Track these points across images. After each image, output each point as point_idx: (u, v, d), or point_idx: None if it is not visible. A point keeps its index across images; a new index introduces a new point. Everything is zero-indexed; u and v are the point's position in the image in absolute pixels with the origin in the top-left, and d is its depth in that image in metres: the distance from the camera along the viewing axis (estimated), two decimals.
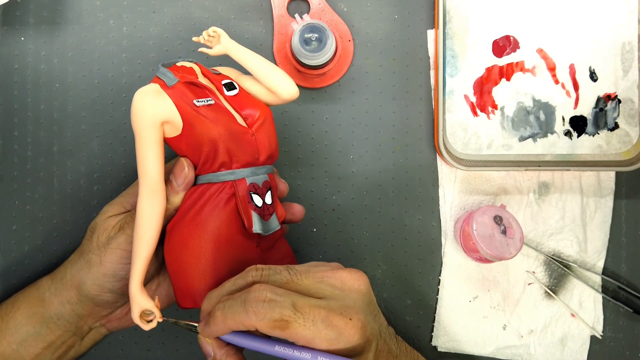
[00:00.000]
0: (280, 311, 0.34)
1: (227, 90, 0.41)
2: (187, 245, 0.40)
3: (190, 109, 0.38)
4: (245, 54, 0.41)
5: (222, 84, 0.41)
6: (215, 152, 0.39)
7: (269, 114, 0.42)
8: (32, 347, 0.45)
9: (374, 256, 0.53)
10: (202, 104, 0.39)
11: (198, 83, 0.39)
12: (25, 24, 0.53)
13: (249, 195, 0.40)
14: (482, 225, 0.48)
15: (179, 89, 0.39)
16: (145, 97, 0.38)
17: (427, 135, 0.53)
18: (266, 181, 0.41)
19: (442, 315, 0.52)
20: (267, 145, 0.41)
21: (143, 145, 0.38)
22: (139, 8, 0.53)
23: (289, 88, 0.42)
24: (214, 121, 0.39)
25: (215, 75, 0.42)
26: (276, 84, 0.41)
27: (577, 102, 0.52)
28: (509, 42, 0.52)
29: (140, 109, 0.38)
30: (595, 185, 0.53)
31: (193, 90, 0.39)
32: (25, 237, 0.52)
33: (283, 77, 0.41)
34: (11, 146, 0.52)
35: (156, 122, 0.38)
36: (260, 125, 0.41)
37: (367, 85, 0.53)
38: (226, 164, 0.40)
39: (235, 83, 0.42)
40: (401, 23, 0.54)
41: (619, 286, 0.53)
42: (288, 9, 0.53)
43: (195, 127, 0.38)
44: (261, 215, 0.41)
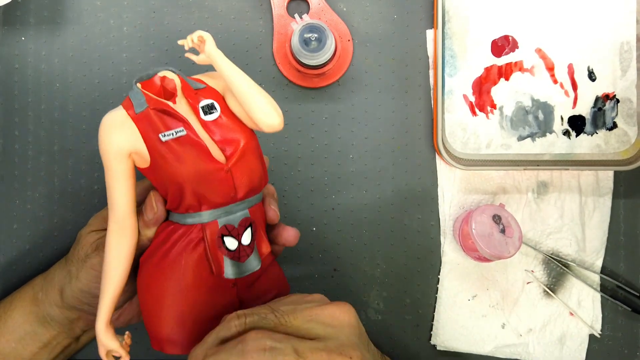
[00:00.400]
0: (283, 359, 0.32)
1: (204, 114, 0.36)
2: (151, 288, 0.37)
3: (156, 143, 0.35)
4: (229, 69, 0.36)
5: (200, 107, 0.36)
6: (181, 194, 0.35)
7: (252, 142, 0.37)
8: (29, 345, 0.45)
9: (373, 255, 0.53)
10: (170, 138, 0.35)
11: (169, 110, 0.35)
12: (25, 24, 0.53)
13: (221, 239, 0.36)
14: (481, 224, 0.48)
15: (147, 117, 0.35)
16: (110, 127, 0.35)
17: (426, 134, 0.53)
18: (245, 219, 0.37)
19: (441, 314, 0.53)
20: (245, 181, 0.36)
21: (110, 177, 0.36)
22: (139, 8, 0.53)
23: (271, 120, 0.36)
24: (180, 160, 0.34)
25: (195, 93, 0.36)
26: (256, 111, 0.35)
27: (575, 102, 0.52)
28: (507, 42, 0.52)
29: (105, 139, 0.35)
30: (593, 185, 0.53)
31: (162, 120, 0.35)
32: (26, 236, 0.52)
33: (265, 105, 0.36)
34: (12, 145, 0.52)
35: (121, 153, 0.35)
36: (240, 157, 0.36)
37: (367, 84, 0.54)
38: (193, 207, 0.36)
39: (217, 104, 0.37)
40: (400, 23, 0.54)
41: (618, 285, 0.53)
42: (288, 9, 0.53)
43: (160, 164, 0.35)
44: (235, 258, 0.37)
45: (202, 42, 0.35)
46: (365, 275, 0.53)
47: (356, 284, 0.53)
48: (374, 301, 0.53)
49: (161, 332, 0.37)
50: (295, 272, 0.53)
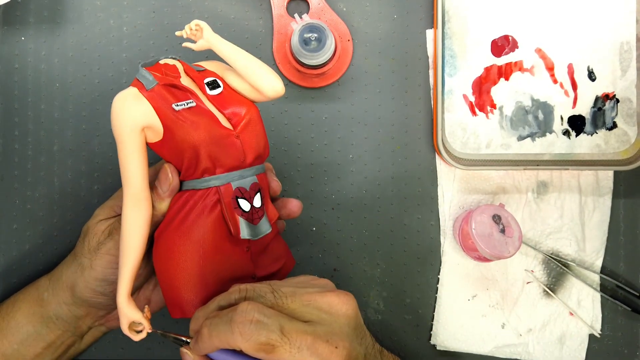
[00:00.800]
0: (267, 334, 0.33)
1: (209, 89, 0.39)
2: (172, 255, 0.38)
3: (170, 114, 0.37)
4: (228, 49, 0.39)
5: (205, 82, 0.39)
6: (197, 158, 0.37)
7: (255, 112, 0.40)
8: (32, 346, 0.45)
9: (373, 255, 0.53)
10: (182, 107, 0.37)
11: (178, 84, 0.38)
12: (25, 24, 0.53)
13: (235, 201, 0.38)
14: (480, 224, 0.48)
15: (158, 92, 0.37)
16: (124, 103, 0.36)
17: (426, 134, 0.53)
18: (255, 183, 0.39)
19: (441, 314, 0.53)
20: (253, 146, 0.39)
21: (124, 153, 0.37)
22: (139, 8, 0.53)
23: (274, 85, 0.39)
24: (194, 126, 0.37)
25: (198, 73, 0.40)
26: (260, 80, 0.39)
27: (575, 102, 0.52)
28: (507, 41, 0.52)
29: (119, 115, 0.36)
30: (593, 185, 0.53)
31: (172, 93, 0.37)
32: (25, 236, 0.52)
33: (267, 74, 0.39)
34: (12, 145, 0.52)
35: (136, 128, 0.36)
36: (246, 125, 0.39)
37: (367, 84, 0.54)
38: (209, 170, 0.38)
39: (219, 80, 0.40)
40: (400, 23, 0.54)
41: (618, 285, 0.53)
42: (287, 8, 0.53)
43: (175, 132, 0.37)
44: (249, 219, 0.39)
45: (199, 30, 0.38)
46: (365, 275, 0.53)
47: (356, 284, 0.53)
48: (373, 301, 0.53)
49: (183, 295, 0.38)
50: (295, 272, 0.53)
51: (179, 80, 0.38)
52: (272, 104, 0.53)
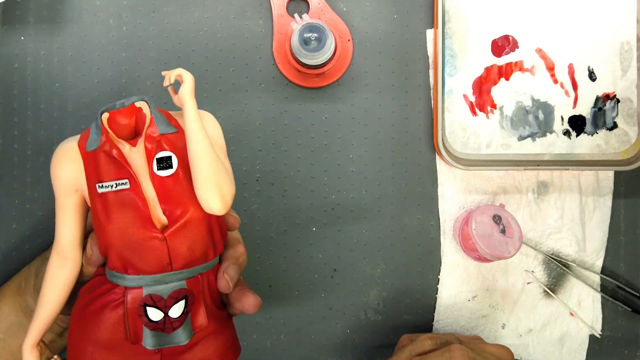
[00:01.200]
0: None
1: (157, 168, 0.32)
2: (72, 334, 0.35)
3: (94, 191, 0.32)
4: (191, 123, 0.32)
5: (156, 157, 0.32)
6: (106, 252, 0.33)
7: (199, 212, 0.33)
8: (17, 336, 0.45)
9: (373, 255, 0.53)
10: (108, 190, 0.32)
11: (117, 159, 0.32)
12: (25, 23, 0.53)
13: (142, 308, 0.32)
14: (481, 224, 0.48)
15: (96, 158, 0.32)
16: (60, 159, 0.33)
17: (426, 134, 0.53)
18: (178, 290, 0.33)
19: (441, 314, 0.52)
20: (184, 252, 0.32)
21: (57, 207, 0.34)
22: (139, 7, 0.53)
23: (208, 203, 0.31)
24: (109, 218, 0.31)
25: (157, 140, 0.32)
26: (198, 185, 0.32)
27: (575, 102, 0.52)
28: (508, 41, 0.52)
29: (53, 168, 0.33)
30: (594, 185, 0.53)
31: (109, 165, 0.32)
32: (25, 236, 0.52)
33: (209, 186, 0.31)
34: (11, 145, 0.52)
35: (67, 187, 0.33)
36: (180, 228, 0.32)
37: (367, 84, 0.54)
38: (118, 269, 0.33)
39: (175, 159, 0.32)
40: (400, 23, 0.54)
41: (618, 285, 0.53)
42: (287, 8, 0.53)
43: (93, 213, 0.33)
44: (158, 329, 0.33)
45: (181, 81, 0.32)
46: (365, 275, 0.53)
47: (356, 284, 0.53)
48: (374, 301, 0.53)
49: None
50: (295, 272, 0.53)
51: (120, 153, 0.32)
52: (272, 104, 0.53)
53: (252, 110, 0.53)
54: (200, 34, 0.53)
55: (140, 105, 0.33)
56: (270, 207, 0.53)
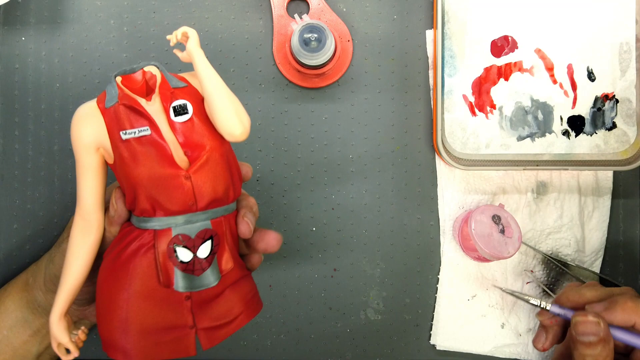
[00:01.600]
0: None
1: (175, 114, 0.34)
2: (102, 289, 0.35)
3: (118, 140, 0.33)
4: (202, 69, 0.34)
5: (172, 106, 0.34)
6: (135, 196, 0.34)
7: (219, 149, 0.34)
8: (20, 333, 0.45)
9: (373, 255, 0.53)
10: (131, 136, 0.33)
11: (137, 108, 0.33)
12: (26, 24, 0.53)
13: (172, 250, 0.34)
14: (480, 224, 0.48)
15: (115, 112, 0.33)
16: (80, 118, 0.34)
17: (425, 134, 0.54)
18: (205, 230, 0.34)
19: (440, 314, 0.53)
20: (207, 190, 0.34)
21: (78, 169, 0.35)
22: (139, 8, 0.53)
23: (229, 127, 0.33)
24: (135, 161, 0.33)
25: (170, 92, 0.34)
26: (218, 116, 0.33)
27: (575, 102, 0.53)
28: (507, 42, 0.53)
29: (74, 130, 0.34)
30: (593, 185, 0.53)
31: (129, 117, 0.33)
32: (26, 236, 0.52)
33: (227, 111, 0.33)
34: (12, 145, 0.52)
35: (90, 146, 0.34)
36: (202, 165, 0.34)
37: (366, 85, 0.54)
38: (147, 211, 0.34)
39: (190, 105, 0.34)
40: (400, 23, 0.54)
41: (617, 285, 0.53)
42: (287, 9, 0.53)
43: (119, 162, 0.33)
44: (188, 271, 0.34)
45: (186, 37, 0.34)
46: (365, 275, 0.53)
47: (356, 284, 0.53)
48: (373, 301, 0.53)
49: (107, 335, 0.35)
50: (296, 272, 0.53)
51: (138, 103, 0.34)
52: (272, 104, 0.53)
53: (252, 110, 0.53)
54: (200, 35, 0.53)
55: (149, 69, 0.35)
56: (270, 207, 0.53)
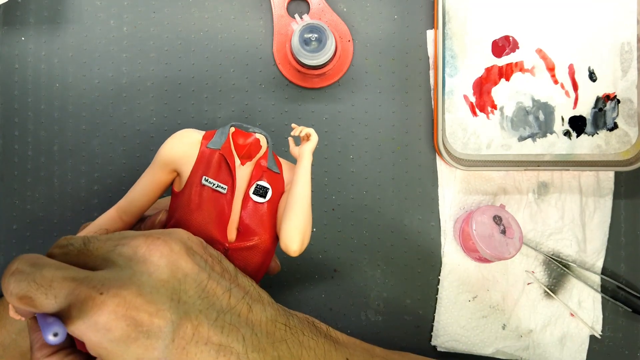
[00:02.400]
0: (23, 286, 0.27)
1: (254, 192, 0.35)
2: None
3: (196, 179, 0.34)
4: (302, 175, 0.35)
5: (256, 183, 0.35)
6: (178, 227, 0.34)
7: (266, 244, 0.35)
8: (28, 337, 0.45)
9: (373, 256, 0.53)
10: (209, 185, 0.34)
11: (231, 165, 0.35)
12: (25, 24, 0.53)
13: None
14: (481, 225, 0.48)
15: (211, 156, 0.35)
16: (180, 139, 0.35)
17: (426, 135, 0.53)
18: None
19: (441, 315, 0.52)
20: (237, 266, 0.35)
21: (145, 175, 0.36)
22: (139, 8, 0.53)
23: (289, 243, 0.35)
24: (198, 208, 0.34)
25: (262, 170, 0.36)
26: (284, 227, 0.35)
27: (576, 102, 0.52)
28: (508, 42, 0.52)
29: (170, 143, 0.35)
30: (594, 185, 0.53)
31: (219, 166, 0.35)
32: (25, 236, 0.52)
33: (294, 227, 0.34)
34: (11, 146, 0.52)
35: (169, 163, 0.35)
36: (244, 248, 0.35)
37: (367, 85, 0.54)
38: None
39: (271, 192, 0.36)
40: (401, 23, 0.54)
41: (618, 286, 0.53)
42: (288, 9, 0.53)
43: (185, 199, 0.34)
44: None
45: (307, 139, 0.36)
46: (366, 276, 0.53)
47: (356, 285, 0.53)
48: (374, 302, 0.53)
49: None
50: (296, 272, 0.53)
51: (234, 162, 0.35)
52: (273, 104, 0.53)
53: (253, 110, 0.53)
54: (200, 35, 0.53)
55: (260, 137, 0.36)
56: None
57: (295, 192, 0.35)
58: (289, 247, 0.35)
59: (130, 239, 0.30)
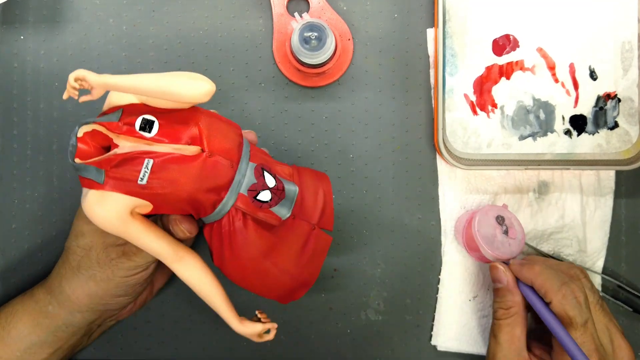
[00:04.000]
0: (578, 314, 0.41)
1: (148, 132, 0.35)
2: (247, 278, 0.39)
3: (141, 190, 0.34)
4: (126, 81, 0.34)
5: (138, 129, 0.35)
6: (198, 202, 0.36)
7: (199, 117, 0.36)
8: (37, 353, 0.44)
9: (373, 255, 0.53)
10: (146, 175, 0.34)
11: (123, 157, 0.34)
12: (24, 23, 0.53)
13: (257, 202, 0.37)
14: (484, 225, 0.48)
15: (115, 178, 0.34)
16: (94, 213, 0.34)
17: (426, 134, 0.53)
18: (254, 169, 0.38)
19: (441, 314, 0.52)
20: (226, 146, 0.37)
21: (135, 241, 0.36)
22: (139, 7, 0.53)
23: (200, 90, 0.34)
24: (171, 183, 0.35)
25: (122, 124, 0.35)
26: (184, 95, 0.34)
27: (577, 101, 0.52)
28: (508, 41, 0.52)
29: (102, 223, 0.35)
30: (595, 184, 0.53)
31: (125, 167, 0.34)
32: (24, 236, 0.52)
33: (187, 83, 0.34)
34: (10, 145, 0.52)
35: (125, 220, 0.35)
36: (207, 137, 0.36)
37: (367, 84, 0.53)
38: (217, 200, 0.37)
39: (149, 116, 0.35)
40: (401, 22, 0.54)
41: (619, 285, 0.52)
42: (287, 7, 0.53)
43: (161, 199, 0.35)
44: (277, 200, 0.38)
45: (83, 80, 0.34)
46: (366, 275, 0.53)
47: (356, 284, 0.53)
48: (374, 301, 0.53)
49: (281, 292, 0.40)
50: None
51: (119, 154, 0.34)
52: (272, 103, 0.53)
53: (252, 109, 0.53)
54: (200, 33, 0.53)
55: (84, 131, 0.36)
56: None
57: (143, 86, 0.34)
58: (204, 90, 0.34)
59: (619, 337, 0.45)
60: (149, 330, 0.52)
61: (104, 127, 0.35)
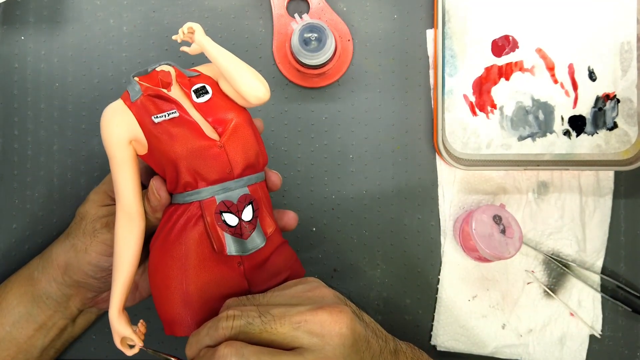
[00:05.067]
0: None
1: (196, 96, 0.37)
2: (157, 271, 0.38)
3: (150, 126, 0.36)
4: (214, 51, 0.37)
5: (192, 90, 0.38)
6: (177, 172, 0.36)
7: (243, 118, 0.38)
8: (24, 328, 0.45)
9: (373, 255, 0.53)
10: (162, 119, 0.36)
11: (161, 94, 0.37)
12: (25, 23, 0.53)
13: (220, 215, 0.36)
14: (481, 224, 0.48)
15: (142, 103, 0.36)
16: (110, 117, 0.37)
17: (426, 134, 0.53)
18: (244, 195, 0.37)
19: (441, 315, 0.52)
20: (241, 155, 0.37)
21: (114, 166, 0.37)
22: (139, 7, 0.53)
23: (255, 90, 0.37)
24: (172, 139, 0.36)
25: (188, 80, 0.38)
26: (242, 85, 0.37)
27: (576, 102, 0.52)
28: (508, 41, 0.52)
29: (106, 129, 0.36)
30: (594, 185, 0.53)
31: (156, 103, 0.36)
32: (25, 236, 0.52)
33: (250, 78, 0.37)
34: (11, 145, 0.52)
35: (122, 141, 0.36)
36: (232, 134, 0.37)
37: (367, 84, 0.53)
38: (191, 184, 0.36)
39: (209, 86, 0.38)
40: (400, 23, 0.54)
41: (618, 285, 0.53)
42: (287, 8, 0.53)
43: (156, 145, 0.36)
44: (237, 235, 0.37)
45: (192, 32, 0.37)
46: (365, 275, 0.53)
47: (356, 285, 0.53)
48: (373, 301, 0.53)
49: (169, 314, 0.38)
50: None
51: (162, 91, 0.37)
52: (272, 104, 0.53)
53: (252, 109, 0.53)
54: None
55: (161, 69, 0.38)
56: None
57: (223, 61, 0.37)
58: (257, 92, 0.37)
59: (312, 314, 0.34)
60: (149, 330, 0.52)
61: (175, 71, 0.38)
